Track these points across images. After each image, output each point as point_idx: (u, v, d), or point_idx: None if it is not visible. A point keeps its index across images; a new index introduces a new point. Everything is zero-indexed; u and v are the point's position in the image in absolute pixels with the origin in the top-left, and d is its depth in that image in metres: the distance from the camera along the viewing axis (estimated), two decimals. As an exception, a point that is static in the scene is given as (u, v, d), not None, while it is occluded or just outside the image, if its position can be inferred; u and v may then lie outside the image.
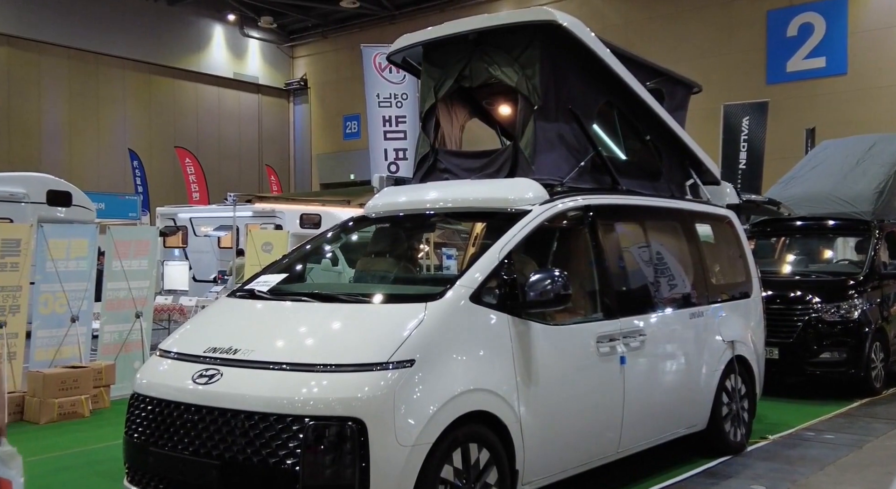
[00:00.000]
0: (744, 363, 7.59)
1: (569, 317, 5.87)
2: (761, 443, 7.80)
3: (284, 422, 4.34)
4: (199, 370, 4.77)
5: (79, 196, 16.72)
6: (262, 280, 5.89)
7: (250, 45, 37.86)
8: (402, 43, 7.16)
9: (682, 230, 7.37)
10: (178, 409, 4.70)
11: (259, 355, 4.72)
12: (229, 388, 4.58)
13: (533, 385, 5.29)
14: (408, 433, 4.46)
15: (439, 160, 6.96)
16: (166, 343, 5.33)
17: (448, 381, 4.74)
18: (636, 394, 6.16)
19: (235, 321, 5.42)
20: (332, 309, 5.20)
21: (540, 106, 6.43)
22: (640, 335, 6.24)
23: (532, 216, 5.73)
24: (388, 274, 6.14)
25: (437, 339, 4.79)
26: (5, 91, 29.59)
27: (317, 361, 4.57)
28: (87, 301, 9.62)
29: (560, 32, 6.44)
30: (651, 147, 7.48)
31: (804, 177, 11.99)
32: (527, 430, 5.19)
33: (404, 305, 5.03)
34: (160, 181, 31.15)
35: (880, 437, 7.95)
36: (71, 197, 16.59)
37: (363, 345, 4.68)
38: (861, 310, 9.96)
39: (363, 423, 4.34)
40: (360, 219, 6.74)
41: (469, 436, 4.84)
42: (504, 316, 5.20)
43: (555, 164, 6.48)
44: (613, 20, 29.21)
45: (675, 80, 8.24)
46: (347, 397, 4.38)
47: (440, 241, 8.23)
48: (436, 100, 7.02)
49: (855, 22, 25.32)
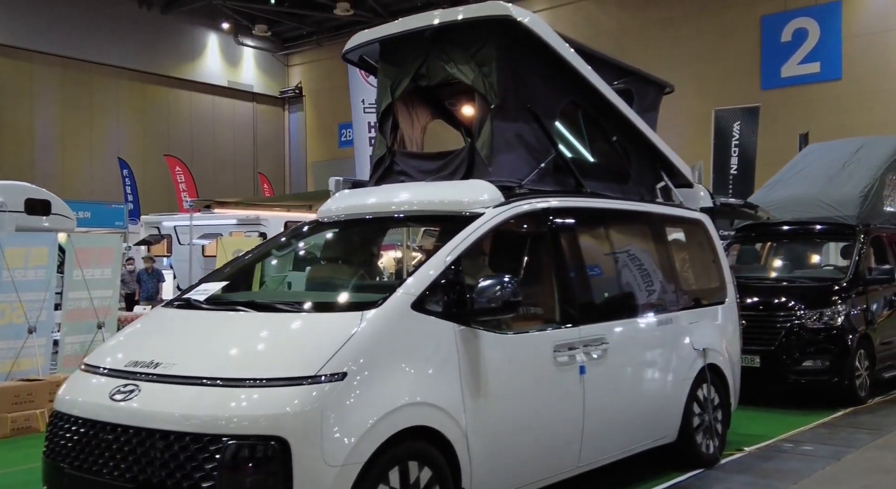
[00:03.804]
0: (717, 372, 7.29)
1: (524, 325, 5.60)
2: (736, 456, 7.51)
3: (201, 441, 4.05)
4: (117, 386, 4.49)
5: (58, 204, 16.49)
6: (201, 288, 5.62)
7: (245, 54, 37.77)
8: (358, 40, 6.90)
9: (650, 234, 7.09)
10: (94, 428, 4.41)
11: (180, 369, 4.43)
12: (145, 405, 4.29)
13: (482, 397, 5.01)
14: (337, 452, 4.17)
15: (396, 162, 6.70)
16: (91, 356, 5.06)
17: (384, 395, 4.46)
18: (598, 406, 5.88)
19: (164, 332, 5.13)
20: (263, 319, 4.91)
21: (497, 105, 6.17)
22: (601, 343, 5.96)
23: (484, 220, 5.46)
24: (335, 281, 5.86)
25: (372, 350, 4.52)
26: (-2, 100, 29.48)
27: (239, 376, 4.28)
28: (46, 311, 9.36)
29: (518, 28, 6.18)
30: (618, 148, 7.20)
31: (789, 181, 11.71)
32: (474, 446, 4.91)
33: (339, 314, 4.76)
34: (155, 190, 30.99)
35: (861, 449, 7.65)
36: (50, 205, 16.35)
37: (290, 358, 4.39)
38: (845, 317, 9.67)
39: (286, 442, 4.05)
40: (313, 223, 6.48)
41: (409, 454, 4.55)
42: (450, 324, 4.92)
43: (513, 165, 6.22)
44: (608, 25, 29.01)
45: (646, 80, 7.98)
46: (269, 414, 4.09)
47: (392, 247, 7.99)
48: (392, 99, 6.77)
49: (849, 27, 25.11)
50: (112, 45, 31.93)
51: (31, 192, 16.29)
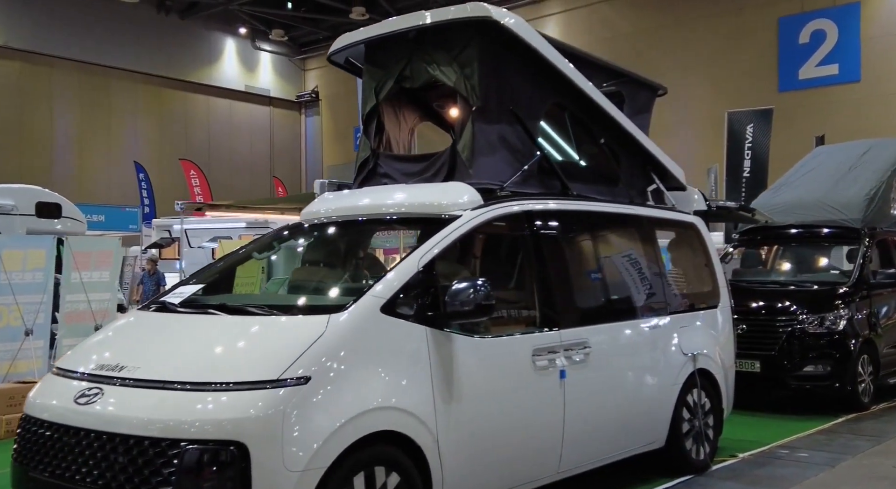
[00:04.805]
0: (708, 377, 7.18)
1: (502, 329, 5.53)
2: (729, 462, 7.39)
3: (160, 446, 4.02)
4: (82, 389, 4.46)
5: (69, 208, 16.53)
6: (178, 291, 5.60)
7: (262, 58, 37.92)
8: (343, 42, 6.87)
9: (638, 237, 7.00)
10: (59, 432, 4.39)
11: (143, 373, 4.39)
12: (108, 410, 4.27)
13: (454, 402, 4.95)
14: (298, 457, 4.12)
15: (379, 164, 6.67)
16: (63, 359, 5.05)
17: (350, 400, 4.40)
18: (579, 411, 5.80)
19: (134, 335, 5.10)
20: (231, 322, 4.87)
21: (479, 107, 6.11)
22: (584, 347, 5.87)
23: (461, 222, 5.40)
24: (313, 284, 5.80)
25: (338, 354, 4.47)
26: (17, 105, 29.75)
27: (201, 379, 4.24)
28: (43, 314, 9.39)
29: (500, 30, 6.12)
30: (606, 151, 7.12)
31: (795, 183, 11.55)
32: (446, 452, 4.84)
33: (305, 318, 4.72)
34: (172, 194, 31.05)
35: (857, 456, 7.51)
36: (61, 208, 16.40)
37: (253, 362, 4.35)
38: (847, 321, 9.50)
39: (245, 447, 4.01)
40: (295, 226, 6.45)
41: (375, 459, 4.49)
42: (421, 328, 4.87)
43: (496, 167, 6.16)
44: (623, 28, 28.85)
45: (637, 82, 7.89)
46: (228, 419, 4.05)
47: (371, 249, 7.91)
48: (377, 101, 6.73)
49: (868, 28, 24.83)
50: (130, 50, 32.18)
51: (41, 196, 16.35)
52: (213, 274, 5.99)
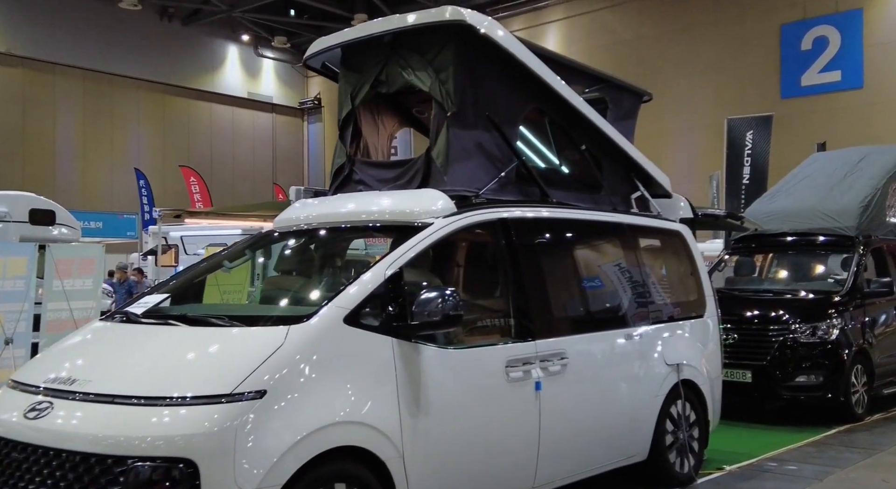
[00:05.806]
0: (693, 388, 7.02)
1: (474, 340, 5.39)
2: (715, 475, 7.22)
3: (105, 463, 3.89)
4: (33, 403, 4.32)
5: (63, 215, 16.47)
6: (143, 301, 5.47)
7: (264, 65, 37.92)
8: (319, 46, 6.75)
9: (620, 245, 6.86)
10: (8, 447, 4.24)
11: (95, 387, 4.25)
12: (55, 424, 4.13)
13: (422, 415, 4.80)
14: (252, 474, 3.97)
15: (355, 171, 6.55)
16: (18, 371, 4.92)
17: (309, 414, 4.26)
18: (555, 423, 5.65)
19: (90, 347, 4.97)
20: (190, 334, 4.74)
21: (454, 112, 5.99)
22: (560, 358, 5.73)
23: (431, 230, 5.27)
24: (281, 293, 5.67)
25: (297, 367, 4.33)
26: (20, 112, 29.77)
27: (153, 394, 4.10)
28: (24, 322, 9.25)
29: (476, 35, 5.99)
30: (588, 157, 6.98)
31: (789, 190, 11.39)
32: (412, 467, 4.69)
33: (264, 329, 4.56)
34: (174, 201, 31.00)
35: (846, 469, 7.34)
36: (54, 215, 16.34)
37: (207, 375, 4.21)
38: (840, 331, 9.33)
39: (194, 464, 3.88)
40: (267, 234, 6.33)
41: (336, 476, 4.34)
42: (387, 339, 4.73)
43: (471, 174, 6.04)
44: (625, 35, 28.75)
45: (622, 88, 7.75)
46: (178, 435, 3.91)
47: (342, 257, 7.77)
48: (353, 106, 6.63)
49: (870, 35, 24.69)
50: (133, 57, 32.19)
51: (35, 203, 16.28)
52: (182, 283, 5.87)
